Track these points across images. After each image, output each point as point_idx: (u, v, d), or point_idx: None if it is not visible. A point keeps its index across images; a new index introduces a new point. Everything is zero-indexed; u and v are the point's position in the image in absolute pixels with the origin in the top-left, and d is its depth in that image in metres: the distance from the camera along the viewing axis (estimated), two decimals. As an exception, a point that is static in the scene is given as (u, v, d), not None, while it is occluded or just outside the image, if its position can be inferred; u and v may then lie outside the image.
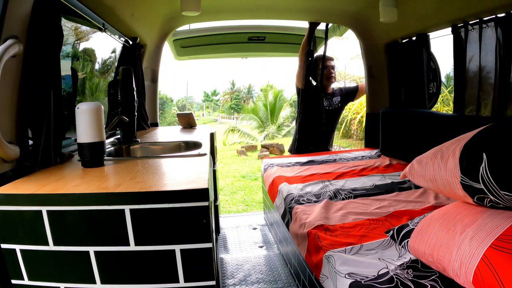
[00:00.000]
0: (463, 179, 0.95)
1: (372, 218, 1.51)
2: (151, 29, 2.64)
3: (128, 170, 1.12)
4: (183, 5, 2.08)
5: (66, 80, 1.63)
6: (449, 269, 0.91)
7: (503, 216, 0.90)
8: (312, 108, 3.07)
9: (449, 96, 7.07)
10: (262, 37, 3.29)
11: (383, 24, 2.38)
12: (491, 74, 1.96)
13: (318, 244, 1.32)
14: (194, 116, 2.59)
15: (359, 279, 1.04)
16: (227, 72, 51.72)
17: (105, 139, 1.24)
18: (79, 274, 0.91)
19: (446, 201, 1.62)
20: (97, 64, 2.14)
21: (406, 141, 2.52)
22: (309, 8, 2.75)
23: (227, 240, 2.55)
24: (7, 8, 0.99)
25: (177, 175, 1.05)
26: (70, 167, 1.21)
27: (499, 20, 1.85)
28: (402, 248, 1.11)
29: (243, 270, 2.03)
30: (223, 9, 2.73)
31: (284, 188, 2.02)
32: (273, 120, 13.91)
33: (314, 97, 3.06)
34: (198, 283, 0.93)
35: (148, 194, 0.88)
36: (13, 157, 1.04)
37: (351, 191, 1.87)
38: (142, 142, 1.84)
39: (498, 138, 0.92)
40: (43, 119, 1.13)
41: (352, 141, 9.78)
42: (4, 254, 0.91)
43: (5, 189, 0.92)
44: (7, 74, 1.00)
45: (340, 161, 2.66)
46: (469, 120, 2.02)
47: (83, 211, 0.87)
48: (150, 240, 0.90)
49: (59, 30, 1.20)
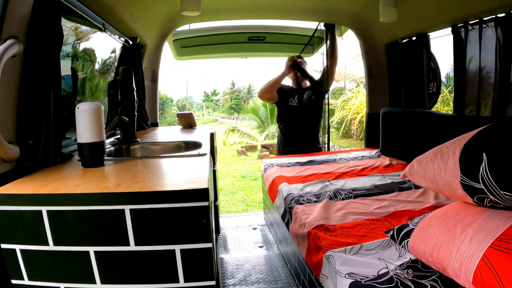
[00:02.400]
0: (463, 179, 0.95)
1: (372, 218, 1.51)
2: (151, 29, 2.64)
3: (128, 170, 1.12)
4: (183, 5, 2.08)
5: (66, 80, 1.63)
6: (449, 269, 0.91)
7: (503, 216, 0.90)
8: (286, 107, 3.06)
9: (449, 96, 7.07)
10: (262, 37, 3.29)
11: (383, 24, 2.38)
12: (491, 74, 1.96)
13: (318, 244, 1.32)
14: (194, 116, 2.59)
15: (359, 279, 1.04)
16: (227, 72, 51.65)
17: (105, 139, 1.24)
18: (79, 274, 0.91)
19: (446, 201, 1.62)
20: (97, 64, 2.14)
21: (406, 141, 2.52)
22: (309, 8, 2.75)
23: (227, 240, 2.55)
24: (7, 8, 0.99)
25: (177, 175, 1.05)
26: (70, 167, 1.21)
27: (499, 20, 1.85)
28: (402, 248, 1.11)
29: (243, 270, 2.03)
30: (223, 9, 2.73)
31: (284, 188, 2.02)
32: (273, 120, 13.89)
33: (287, 98, 3.05)
34: (198, 283, 0.93)
35: (148, 194, 0.88)
36: (13, 157, 1.04)
37: (351, 191, 1.87)
38: (142, 142, 1.84)
39: (498, 138, 0.92)
40: (43, 119, 1.13)
41: (352, 141, 9.78)
42: (4, 254, 0.91)
43: (5, 189, 0.92)
44: (7, 74, 1.00)
45: (340, 161, 2.66)
46: (469, 120, 2.02)
47: (83, 211, 0.87)
48: (150, 240, 0.90)
49: (59, 30, 1.19)
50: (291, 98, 3.05)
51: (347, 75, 12.44)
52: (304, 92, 3.06)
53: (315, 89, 3.06)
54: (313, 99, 3.05)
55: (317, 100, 3.07)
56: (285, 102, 3.06)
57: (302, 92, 3.06)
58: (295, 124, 3.05)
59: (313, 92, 3.05)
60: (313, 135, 3.14)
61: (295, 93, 3.05)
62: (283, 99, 3.06)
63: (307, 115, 3.04)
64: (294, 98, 3.05)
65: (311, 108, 3.05)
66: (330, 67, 3.06)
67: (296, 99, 3.04)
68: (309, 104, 3.03)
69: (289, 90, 3.09)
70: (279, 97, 3.05)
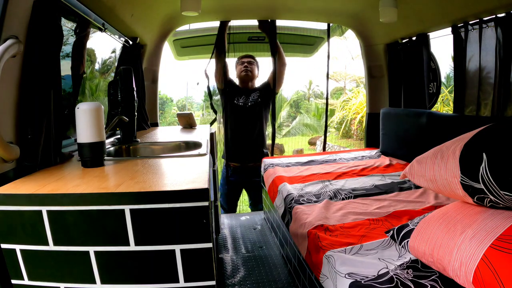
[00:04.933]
0: (463, 179, 0.95)
1: (372, 218, 1.51)
2: (151, 29, 2.64)
3: (128, 170, 1.12)
4: (183, 5, 2.08)
5: (66, 80, 1.63)
6: (449, 269, 0.91)
7: (503, 216, 0.90)
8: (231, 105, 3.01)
9: (449, 96, 7.07)
10: (262, 37, 3.29)
11: (383, 24, 2.38)
12: (491, 74, 1.96)
13: (318, 244, 1.32)
14: (194, 116, 2.59)
15: (359, 279, 1.03)
16: (227, 72, 51.52)
17: (105, 139, 1.24)
18: (79, 274, 0.91)
19: (446, 201, 1.62)
20: (97, 64, 2.14)
21: (406, 141, 2.52)
22: (309, 8, 2.75)
23: (227, 240, 2.55)
24: (7, 8, 0.99)
25: (177, 175, 1.05)
26: (70, 167, 1.21)
27: (499, 20, 1.85)
28: (402, 248, 1.11)
29: (243, 270, 2.03)
30: (223, 9, 2.73)
31: (284, 188, 2.02)
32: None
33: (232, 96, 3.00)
34: (198, 283, 0.93)
35: (148, 194, 0.88)
36: (13, 157, 1.04)
37: (351, 191, 1.87)
38: (142, 142, 1.84)
39: (498, 138, 0.92)
40: (43, 119, 1.13)
41: (352, 141, 9.78)
42: (4, 254, 0.91)
43: (5, 189, 0.92)
44: (7, 74, 1.00)
45: (340, 161, 2.66)
46: (469, 120, 2.02)
47: (83, 211, 0.87)
48: (150, 240, 0.90)
49: (59, 30, 1.20)
50: (237, 97, 2.99)
51: (347, 75, 12.44)
52: (251, 93, 3.00)
53: (263, 92, 3.00)
54: (260, 102, 2.99)
55: (264, 103, 3.00)
56: (231, 98, 2.99)
57: (249, 93, 3.00)
58: (239, 125, 2.99)
59: (260, 94, 2.99)
60: (258, 139, 3.05)
61: (242, 94, 2.99)
62: (229, 94, 2.99)
63: (252, 117, 2.97)
64: (240, 98, 2.99)
65: (256, 111, 2.98)
66: (278, 68, 3.00)
67: (243, 99, 2.98)
68: (254, 106, 2.97)
69: (236, 88, 3.03)
70: (226, 86, 2.98)
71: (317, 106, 12.69)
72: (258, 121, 3.02)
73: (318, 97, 14.57)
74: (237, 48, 3.48)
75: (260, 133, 3.05)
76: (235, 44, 3.39)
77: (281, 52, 2.99)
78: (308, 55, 3.55)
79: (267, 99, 3.03)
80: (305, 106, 14.77)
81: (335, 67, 12.50)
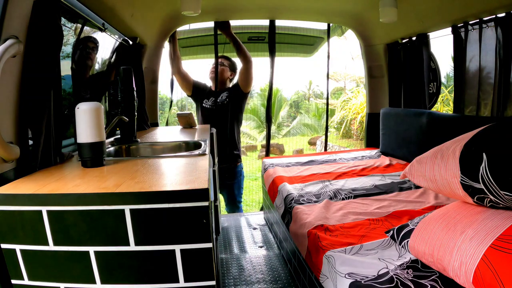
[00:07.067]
0: (463, 179, 0.95)
1: (372, 218, 1.51)
2: (151, 29, 2.64)
3: (128, 170, 1.12)
4: (183, 5, 2.08)
5: (66, 80, 1.63)
6: (449, 269, 0.91)
7: (503, 216, 0.90)
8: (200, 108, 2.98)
9: (449, 96, 7.06)
10: (262, 37, 3.29)
11: (383, 24, 2.38)
12: (491, 74, 1.96)
13: (318, 244, 1.32)
14: (194, 116, 2.59)
15: (359, 279, 1.04)
16: (227, 72, 51.40)
17: (105, 139, 1.24)
18: (79, 274, 0.91)
19: (446, 201, 1.62)
20: (97, 64, 2.14)
21: (406, 141, 2.52)
22: (309, 8, 2.75)
23: (227, 240, 2.55)
24: (7, 8, 0.99)
25: (177, 175, 1.05)
26: (70, 167, 1.21)
27: (499, 20, 1.85)
28: (402, 248, 1.11)
29: (243, 270, 2.03)
30: (223, 9, 2.73)
31: (284, 188, 2.02)
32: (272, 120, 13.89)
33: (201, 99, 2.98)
34: (198, 283, 0.93)
35: (148, 194, 0.88)
36: (13, 157, 1.04)
37: (351, 191, 1.87)
38: (142, 142, 1.84)
39: (498, 138, 0.92)
40: (43, 119, 1.13)
41: (352, 141, 9.78)
42: (4, 254, 0.91)
43: (5, 189, 0.92)
44: (7, 74, 1.00)
45: (340, 161, 2.66)
46: (469, 120, 2.02)
47: (83, 211, 0.87)
48: (150, 240, 0.90)
49: (59, 30, 1.19)
50: (205, 99, 2.96)
51: (347, 75, 12.44)
52: (220, 94, 2.96)
53: (232, 93, 2.96)
54: (228, 102, 2.94)
55: (233, 104, 2.94)
56: (199, 101, 2.98)
57: (218, 94, 2.96)
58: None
59: (229, 95, 2.95)
60: (229, 141, 2.98)
61: (211, 95, 2.96)
62: (197, 97, 2.98)
63: (220, 119, 2.92)
64: (208, 100, 2.95)
65: (225, 112, 2.93)
66: (242, 66, 2.94)
67: (211, 101, 2.95)
68: (222, 107, 2.93)
69: (206, 90, 3.01)
70: (194, 91, 2.97)
71: (317, 106, 12.71)
72: (228, 122, 2.95)
73: (318, 97, 14.59)
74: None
75: (231, 135, 2.98)
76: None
77: (243, 48, 2.90)
78: (308, 55, 3.54)
79: (236, 100, 2.95)
80: (305, 106, 14.79)
81: (335, 67, 12.52)
